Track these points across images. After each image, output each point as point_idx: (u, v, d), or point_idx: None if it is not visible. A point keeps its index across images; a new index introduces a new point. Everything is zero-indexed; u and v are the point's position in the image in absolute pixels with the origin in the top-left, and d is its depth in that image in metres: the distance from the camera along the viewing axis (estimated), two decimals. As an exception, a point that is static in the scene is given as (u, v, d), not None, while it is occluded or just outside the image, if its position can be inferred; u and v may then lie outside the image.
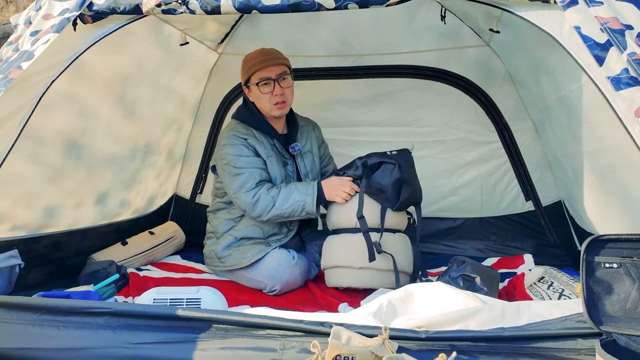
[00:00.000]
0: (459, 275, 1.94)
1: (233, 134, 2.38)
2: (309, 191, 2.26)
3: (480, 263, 2.14)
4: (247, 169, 2.32)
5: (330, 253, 2.28)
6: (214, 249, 2.45)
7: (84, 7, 1.78)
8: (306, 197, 2.25)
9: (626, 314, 1.28)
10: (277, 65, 2.38)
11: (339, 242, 2.26)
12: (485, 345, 1.29)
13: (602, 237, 1.34)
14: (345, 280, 2.21)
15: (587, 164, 1.98)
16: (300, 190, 2.27)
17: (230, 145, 2.35)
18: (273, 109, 2.40)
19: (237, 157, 2.33)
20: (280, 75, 2.38)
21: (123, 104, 2.47)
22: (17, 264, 1.93)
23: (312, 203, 2.24)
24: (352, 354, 1.21)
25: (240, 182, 2.30)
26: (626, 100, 1.37)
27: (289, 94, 2.43)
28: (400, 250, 2.22)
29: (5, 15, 5.00)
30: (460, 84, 2.97)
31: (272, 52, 2.44)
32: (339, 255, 2.23)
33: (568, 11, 1.46)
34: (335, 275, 2.24)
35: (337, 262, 2.23)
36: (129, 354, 1.37)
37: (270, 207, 2.26)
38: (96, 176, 2.43)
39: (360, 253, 2.16)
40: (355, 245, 2.17)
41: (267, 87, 2.37)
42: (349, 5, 1.63)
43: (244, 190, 2.29)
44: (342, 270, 2.21)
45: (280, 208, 2.26)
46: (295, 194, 2.26)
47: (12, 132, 1.80)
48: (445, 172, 3.06)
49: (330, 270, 2.26)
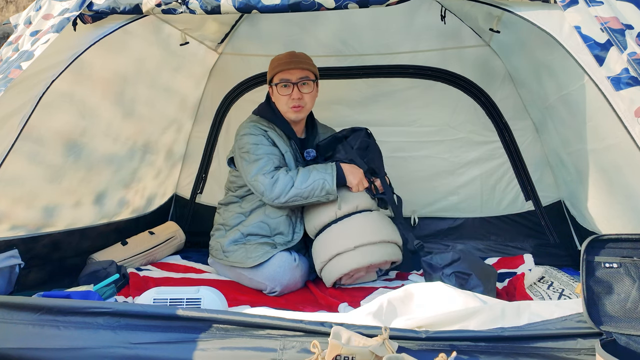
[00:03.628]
0: (452, 272, 1.91)
1: (254, 124, 2.43)
2: (328, 170, 2.29)
3: (477, 258, 2.13)
4: (266, 155, 2.35)
5: (321, 249, 2.30)
6: (220, 241, 2.45)
7: (84, 7, 1.78)
8: (326, 175, 2.27)
9: (626, 314, 1.28)
10: (300, 69, 2.42)
11: (326, 235, 2.31)
12: (485, 345, 1.29)
13: (602, 237, 1.34)
14: (345, 265, 2.23)
15: (591, 162, 1.97)
16: (320, 169, 2.30)
17: (250, 134, 2.40)
18: (289, 111, 2.44)
19: (255, 145, 2.37)
20: (301, 80, 2.41)
21: (122, 103, 2.47)
22: (17, 264, 1.94)
23: (332, 181, 2.25)
24: (352, 354, 1.21)
25: (259, 166, 2.33)
26: (626, 100, 1.37)
27: (308, 99, 2.46)
28: (385, 222, 2.33)
29: (5, 15, 5.00)
30: (460, 84, 2.97)
31: (300, 55, 2.49)
32: (330, 245, 2.27)
33: (568, 11, 1.46)
34: (334, 267, 2.25)
35: (331, 251, 2.25)
36: (128, 354, 1.36)
37: (290, 187, 2.26)
38: (95, 175, 2.43)
39: (351, 234, 2.24)
40: (343, 230, 2.26)
41: (285, 89, 2.41)
42: (349, 5, 1.63)
43: (262, 173, 2.31)
44: (339, 258, 2.24)
45: (300, 187, 2.25)
46: (314, 173, 2.28)
47: (12, 132, 1.80)
48: (445, 172, 3.06)
49: (327, 265, 2.27)
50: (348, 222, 2.29)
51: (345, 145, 2.44)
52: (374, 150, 2.47)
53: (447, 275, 1.91)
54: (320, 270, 2.32)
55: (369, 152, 2.43)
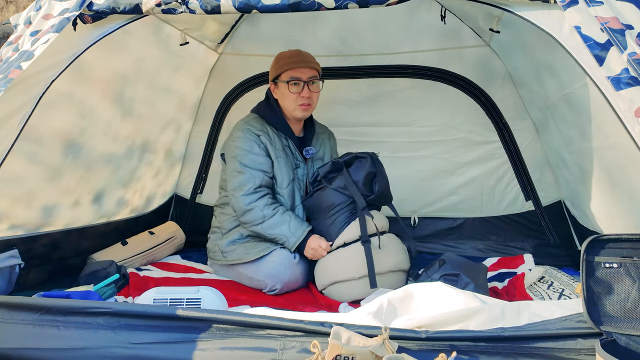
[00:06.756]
0: (440, 276, 1.91)
1: (248, 127, 2.41)
2: (297, 233, 2.28)
3: (462, 258, 2.12)
4: (251, 169, 2.33)
5: (325, 271, 2.25)
6: (218, 244, 2.46)
7: (84, 7, 1.78)
8: (291, 237, 2.28)
9: (626, 314, 1.28)
10: (309, 68, 2.43)
11: (333, 258, 2.25)
12: (485, 345, 1.29)
13: (602, 237, 1.34)
14: (349, 293, 2.16)
15: (594, 161, 1.97)
16: (291, 228, 2.29)
17: (242, 138, 2.38)
18: (297, 109, 2.44)
19: (245, 152, 2.36)
20: (311, 79, 2.42)
21: (121, 103, 2.47)
22: (17, 264, 1.94)
23: (293, 245, 2.28)
24: (352, 354, 1.21)
25: (240, 181, 2.32)
26: (626, 100, 1.37)
27: (315, 98, 2.48)
28: (396, 247, 2.26)
29: (5, 15, 5.00)
30: (460, 84, 2.97)
31: (307, 54, 2.49)
32: (336, 270, 2.21)
33: (568, 11, 1.46)
34: (338, 291, 2.20)
35: (335, 277, 2.19)
36: (128, 354, 1.37)
37: (257, 224, 2.30)
38: (93, 175, 2.43)
39: (357, 262, 2.15)
40: (350, 257, 2.19)
41: (296, 87, 2.41)
42: (349, 4, 1.63)
43: (241, 193, 2.30)
44: (343, 285, 2.18)
45: (265, 230, 2.29)
46: (284, 227, 2.28)
47: (12, 132, 1.80)
48: (445, 172, 3.06)
49: (331, 287, 2.22)
50: (355, 250, 2.20)
51: (345, 176, 2.30)
52: (382, 182, 2.31)
53: (435, 280, 1.88)
54: (321, 289, 2.28)
55: (375, 186, 2.29)
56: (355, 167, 2.32)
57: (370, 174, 2.29)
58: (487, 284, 2.06)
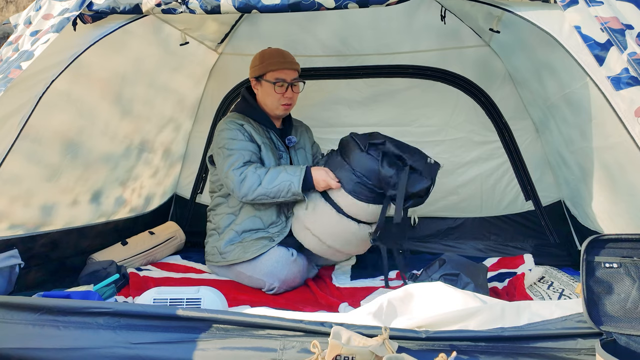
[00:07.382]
0: (440, 276, 1.92)
1: (230, 120, 2.47)
2: (296, 172, 2.30)
3: (462, 258, 2.13)
4: (238, 150, 2.37)
5: (332, 232, 2.36)
6: (216, 245, 2.46)
7: (84, 6, 1.78)
8: (293, 177, 2.28)
9: (626, 314, 1.28)
10: (293, 70, 2.49)
11: (341, 228, 2.35)
12: (485, 345, 1.29)
13: (602, 237, 1.34)
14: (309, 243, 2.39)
15: (595, 160, 1.97)
16: (289, 171, 2.31)
17: (226, 129, 2.42)
18: (279, 108, 2.50)
19: (231, 140, 2.39)
20: (294, 81, 2.48)
21: (121, 103, 2.46)
22: (17, 264, 1.93)
23: (298, 184, 2.27)
24: (352, 354, 1.21)
25: (230, 162, 2.35)
26: (626, 100, 1.37)
27: (296, 98, 2.54)
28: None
29: (5, 15, 5.00)
30: (460, 84, 2.97)
31: (288, 54, 2.53)
32: (340, 242, 2.37)
33: (568, 11, 1.46)
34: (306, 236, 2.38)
35: (337, 246, 2.38)
36: (129, 354, 1.37)
37: (257, 186, 2.28)
38: (91, 174, 2.42)
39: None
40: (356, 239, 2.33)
41: (280, 88, 2.46)
42: (349, 4, 1.63)
43: (232, 169, 2.33)
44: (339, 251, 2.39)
45: (266, 187, 2.28)
46: (283, 174, 2.29)
47: (12, 131, 1.80)
48: (445, 172, 3.04)
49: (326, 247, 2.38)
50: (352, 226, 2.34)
51: (403, 178, 2.22)
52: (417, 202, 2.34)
53: (435, 280, 1.89)
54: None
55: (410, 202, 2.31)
56: (415, 179, 2.25)
57: (422, 191, 2.27)
58: (487, 284, 2.06)
